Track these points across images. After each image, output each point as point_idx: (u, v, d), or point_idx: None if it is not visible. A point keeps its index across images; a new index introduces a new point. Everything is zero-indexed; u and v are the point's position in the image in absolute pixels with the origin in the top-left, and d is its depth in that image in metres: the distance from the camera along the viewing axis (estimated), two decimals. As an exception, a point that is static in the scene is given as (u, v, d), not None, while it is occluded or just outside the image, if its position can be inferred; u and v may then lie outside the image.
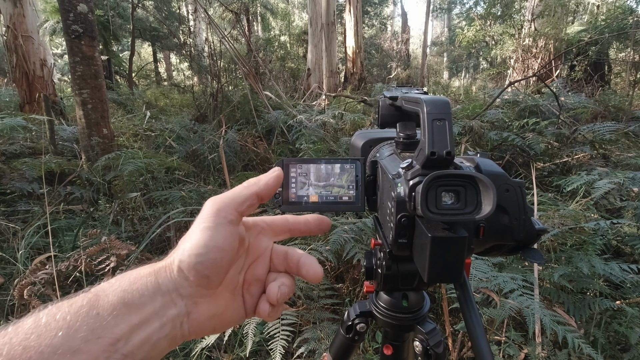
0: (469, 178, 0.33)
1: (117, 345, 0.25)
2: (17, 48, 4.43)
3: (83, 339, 0.24)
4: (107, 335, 0.25)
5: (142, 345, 0.26)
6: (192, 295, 0.30)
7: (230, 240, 0.31)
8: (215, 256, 0.30)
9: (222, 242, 0.30)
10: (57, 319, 0.24)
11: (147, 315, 0.27)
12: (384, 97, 0.52)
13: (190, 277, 0.29)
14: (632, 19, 5.66)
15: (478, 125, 3.10)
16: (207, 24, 6.43)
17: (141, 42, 12.32)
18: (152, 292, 0.28)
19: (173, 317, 0.29)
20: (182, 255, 0.30)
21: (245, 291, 0.35)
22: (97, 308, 0.25)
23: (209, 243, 0.30)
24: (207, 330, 0.32)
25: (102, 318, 0.25)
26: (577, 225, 1.59)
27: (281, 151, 3.48)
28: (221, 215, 0.31)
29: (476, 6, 14.39)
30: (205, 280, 0.30)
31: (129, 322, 0.26)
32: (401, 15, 20.48)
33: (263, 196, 0.35)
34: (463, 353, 1.36)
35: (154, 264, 0.31)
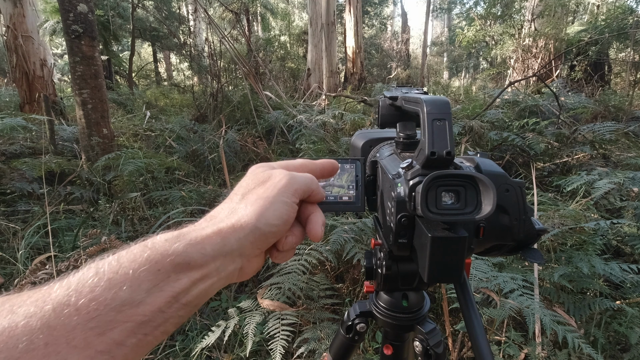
0: (469, 178, 0.33)
1: (179, 297, 0.27)
2: (17, 48, 4.43)
3: (147, 291, 0.25)
4: (169, 288, 0.26)
5: (199, 295, 0.29)
6: (249, 255, 0.32)
7: (294, 216, 0.34)
8: (283, 229, 0.33)
9: (291, 218, 0.34)
10: (119, 273, 0.25)
11: (208, 272, 0.29)
12: (384, 97, 0.52)
13: (257, 242, 0.31)
14: (632, 19, 5.66)
15: (478, 125, 3.10)
16: (207, 24, 6.43)
17: (141, 42, 12.32)
18: (216, 253, 0.29)
19: (230, 272, 0.31)
20: (258, 221, 0.31)
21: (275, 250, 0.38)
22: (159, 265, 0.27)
23: (284, 217, 0.32)
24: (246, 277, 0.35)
25: (165, 274, 0.27)
26: (577, 225, 1.59)
27: (281, 151, 3.48)
28: (299, 195, 0.34)
29: (476, 6, 14.39)
30: (265, 245, 0.33)
31: (190, 277, 0.28)
32: (401, 15, 20.49)
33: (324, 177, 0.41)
34: (463, 353, 1.36)
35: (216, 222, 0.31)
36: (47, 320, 0.22)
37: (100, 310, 0.24)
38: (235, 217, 0.32)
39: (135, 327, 0.25)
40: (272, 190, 0.33)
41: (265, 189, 0.34)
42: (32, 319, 0.22)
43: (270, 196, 0.33)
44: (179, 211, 2.00)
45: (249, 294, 1.76)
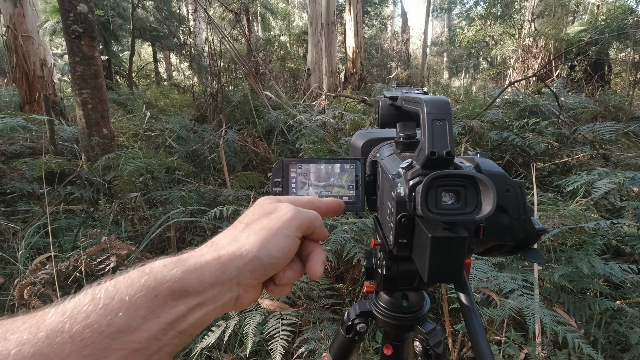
0: (469, 178, 0.33)
1: (174, 324, 0.27)
2: (17, 48, 4.43)
3: (143, 318, 0.25)
4: (165, 315, 0.26)
5: (194, 324, 0.28)
6: (247, 285, 0.32)
7: (295, 250, 0.35)
8: (283, 262, 0.33)
9: (292, 252, 0.34)
10: (116, 299, 0.25)
11: (205, 299, 0.29)
12: (384, 97, 0.52)
13: (255, 272, 0.31)
14: (632, 19, 5.66)
15: (478, 125, 3.10)
16: (207, 24, 6.43)
17: (141, 42, 12.32)
18: (214, 280, 0.29)
19: (226, 301, 0.31)
20: (259, 252, 0.31)
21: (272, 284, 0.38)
22: (156, 291, 0.27)
23: (285, 251, 0.33)
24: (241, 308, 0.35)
25: (160, 300, 0.26)
26: (577, 225, 1.59)
27: (281, 151, 3.48)
28: (302, 231, 0.35)
29: (476, 6, 14.38)
30: (264, 277, 0.33)
31: (187, 304, 0.28)
32: (401, 15, 20.49)
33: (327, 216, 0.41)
34: (463, 353, 1.36)
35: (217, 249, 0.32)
36: (39, 347, 0.22)
37: (94, 337, 0.23)
38: (236, 245, 0.32)
39: (129, 354, 0.24)
40: (276, 222, 0.34)
41: (270, 220, 0.34)
42: (24, 346, 0.22)
43: (274, 228, 0.33)
44: (179, 211, 2.00)
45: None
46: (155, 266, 0.28)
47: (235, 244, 0.32)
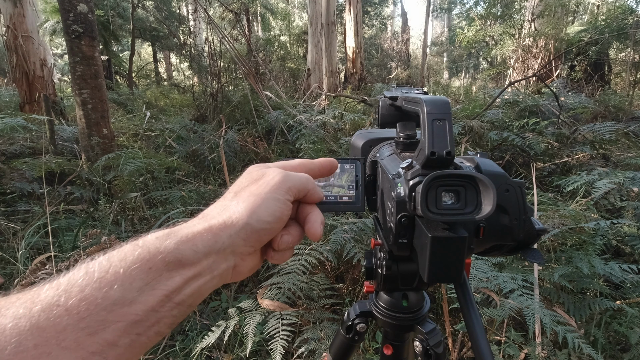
0: (469, 178, 0.33)
1: (172, 296, 0.27)
2: (17, 48, 4.43)
3: (139, 290, 0.25)
4: (161, 287, 0.26)
5: (193, 294, 0.28)
6: (242, 253, 0.32)
7: (288, 214, 0.34)
8: (276, 227, 0.33)
9: (285, 216, 0.33)
10: (110, 272, 0.25)
11: (200, 270, 0.29)
12: (384, 97, 0.52)
13: (249, 239, 0.31)
14: (632, 19, 5.66)
15: (478, 125, 3.10)
16: (207, 24, 6.43)
17: (141, 42, 12.32)
18: (207, 250, 0.29)
19: (223, 271, 0.30)
20: (250, 218, 0.31)
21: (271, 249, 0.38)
22: (150, 263, 0.26)
23: (276, 214, 0.32)
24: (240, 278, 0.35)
25: (155, 272, 0.26)
26: (577, 225, 1.59)
27: (281, 151, 3.48)
28: (293, 193, 0.34)
29: (476, 6, 14.39)
30: (258, 243, 0.32)
31: (183, 275, 0.27)
32: (401, 15, 20.49)
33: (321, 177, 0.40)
34: (463, 353, 1.36)
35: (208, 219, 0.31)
36: (36, 321, 0.22)
37: (91, 310, 0.23)
38: (226, 214, 0.31)
39: (127, 326, 0.24)
40: (264, 188, 0.33)
41: (258, 187, 0.33)
42: (20, 320, 0.22)
43: (262, 193, 0.32)
44: (179, 211, 2.00)
45: (249, 294, 1.76)
46: (147, 239, 0.28)
47: (226, 213, 0.31)
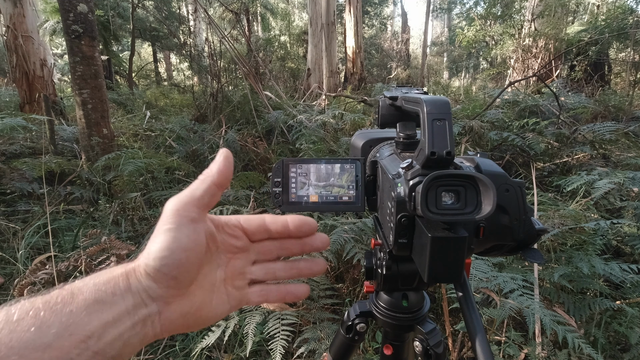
0: (469, 178, 0.33)
1: (89, 342, 0.25)
2: (17, 48, 4.42)
3: (55, 334, 0.24)
4: (79, 331, 0.25)
5: (113, 343, 0.27)
6: (162, 296, 0.30)
7: (194, 238, 0.30)
8: (180, 257, 0.29)
9: (185, 242, 0.30)
10: (30, 315, 0.24)
11: (119, 313, 0.27)
12: (384, 97, 0.52)
13: (157, 280, 0.29)
14: (632, 19, 5.66)
15: (478, 125, 3.09)
16: (207, 24, 6.43)
17: (141, 42, 12.32)
18: (123, 291, 0.28)
19: (144, 317, 0.29)
20: (147, 259, 0.29)
21: (229, 285, 0.35)
22: (71, 305, 0.26)
23: (171, 245, 0.29)
24: (180, 328, 0.32)
25: (75, 315, 0.25)
26: (577, 225, 1.59)
27: (281, 151, 3.48)
28: (182, 214, 0.30)
29: (476, 6, 14.38)
30: (173, 281, 0.29)
31: (101, 319, 0.26)
32: (401, 15, 20.48)
33: (221, 183, 0.33)
34: (463, 353, 1.36)
35: (126, 264, 0.30)
36: None
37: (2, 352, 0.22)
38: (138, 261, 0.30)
39: None
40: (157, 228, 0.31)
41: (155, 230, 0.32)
42: None
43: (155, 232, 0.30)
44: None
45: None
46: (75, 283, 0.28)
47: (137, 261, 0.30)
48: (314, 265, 0.37)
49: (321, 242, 0.36)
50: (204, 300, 0.33)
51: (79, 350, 0.25)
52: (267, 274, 0.36)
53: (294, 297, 0.36)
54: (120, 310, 0.27)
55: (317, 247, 0.36)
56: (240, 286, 0.35)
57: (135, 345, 0.29)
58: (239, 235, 0.35)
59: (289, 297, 0.36)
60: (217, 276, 0.34)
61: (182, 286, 0.30)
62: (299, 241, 0.36)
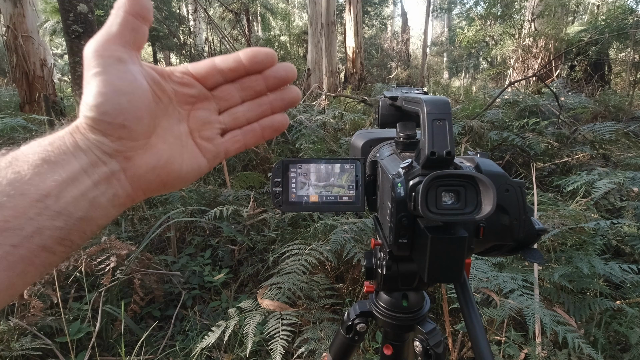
0: (469, 178, 0.33)
1: (47, 202, 0.24)
2: (17, 48, 4.43)
3: (5, 194, 0.23)
4: (31, 191, 0.23)
5: (76, 202, 0.25)
6: (119, 150, 0.26)
7: (130, 80, 0.26)
8: (118, 100, 0.25)
9: (119, 84, 0.25)
10: None
11: (73, 172, 0.25)
12: (384, 97, 0.52)
13: (105, 132, 0.26)
14: (632, 19, 5.66)
15: (478, 125, 3.10)
16: (207, 24, 6.43)
17: (141, 42, 12.32)
18: (73, 150, 0.25)
19: (106, 175, 0.26)
20: (84, 112, 0.26)
21: (197, 137, 0.32)
22: (16, 167, 0.24)
23: (103, 89, 0.25)
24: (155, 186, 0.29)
25: (24, 175, 0.23)
26: (577, 225, 1.59)
27: (281, 151, 3.48)
28: (103, 55, 0.26)
29: (476, 6, 14.39)
30: (123, 130, 0.26)
31: (54, 179, 0.24)
32: (401, 15, 20.49)
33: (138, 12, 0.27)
34: (463, 353, 1.36)
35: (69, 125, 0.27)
36: None
37: None
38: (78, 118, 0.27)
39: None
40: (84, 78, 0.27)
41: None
42: None
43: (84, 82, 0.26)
44: (179, 211, 2.00)
45: (249, 294, 1.76)
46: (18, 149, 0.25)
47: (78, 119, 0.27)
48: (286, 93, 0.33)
49: (285, 71, 0.31)
50: (172, 154, 0.30)
51: (37, 209, 0.23)
52: (236, 120, 0.33)
53: (273, 130, 0.33)
54: (75, 169, 0.25)
55: (281, 77, 0.32)
56: (210, 137, 0.32)
57: (106, 206, 0.26)
58: (190, 82, 0.31)
59: (267, 133, 0.33)
60: (180, 130, 0.31)
61: (137, 136, 0.27)
62: (259, 76, 0.32)
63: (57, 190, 0.24)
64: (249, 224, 2.11)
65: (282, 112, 0.34)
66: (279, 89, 0.33)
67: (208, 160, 0.32)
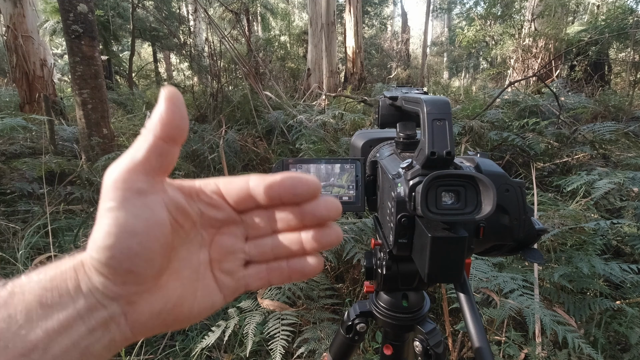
0: (469, 178, 0.33)
1: (32, 356, 0.21)
2: (17, 48, 4.43)
3: None
4: (17, 344, 0.21)
5: (65, 354, 0.22)
6: (122, 295, 0.23)
7: (147, 217, 0.23)
8: (129, 244, 0.22)
9: (133, 224, 0.22)
10: None
11: (68, 318, 0.22)
12: (384, 97, 0.52)
13: (109, 276, 0.22)
14: (632, 19, 5.66)
15: (478, 125, 3.10)
16: (207, 24, 6.43)
17: (141, 42, 12.32)
18: (72, 291, 0.22)
19: (104, 321, 0.23)
20: (91, 250, 0.23)
21: (217, 270, 0.27)
22: (9, 309, 0.21)
23: (114, 229, 0.22)
24: (158, 328, 0.25)
25: (14, 322, 0.21)
26: (577, 225, 1.59)
27: (281, 151, 3.48)
28: (123, 187, 0.23)
29: (476, 6, 14.39)
30: (130, 276, 0.23)
31: (45, 327, 0.21)
32: (401, 15, 20.48)
33: (170, 135, 0.24)
34: (463, 353, 1.36)
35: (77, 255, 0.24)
36: None
37: None
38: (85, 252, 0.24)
39: None
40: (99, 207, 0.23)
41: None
42: None
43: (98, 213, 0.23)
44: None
45: (249, 293, 1.76)
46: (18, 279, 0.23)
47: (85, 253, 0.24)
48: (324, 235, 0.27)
49: (326, 209, 0.26)
50: (184, 293, 0.25)
51: None
52: (262, 253, 0.28)
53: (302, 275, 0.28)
54: (70, 314, 0.22)
55: (320, 216, 0.26)
56: (231, 270, 0.28)
57: (101, 353, 0.23)
58: (219, 204, 0.27)
59: (295, 276, 0.28)
60: (199, 259, 0.27)
61: (145, 280, 0.23)
62: (296, 209, 0.27)
63: (46, 341, 0.21)
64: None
65: (316, 255, 0.29)
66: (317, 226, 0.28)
67: (224, 297, 0.28)
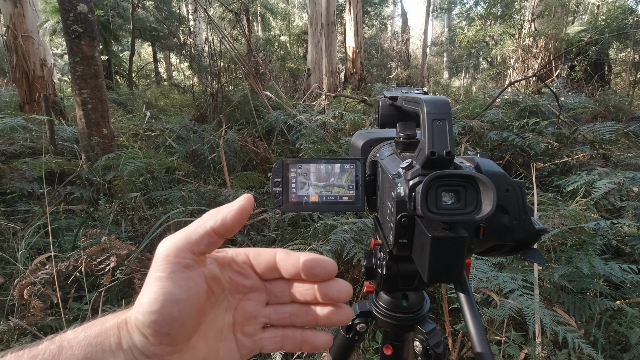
0: (469, 178, 0.33)
1: None
2: (17, 48, 4.42)
3: None
4: None
5: None
6: (157, 354, 0.26)
7: (189, 288, 0.27)
8: (171, 311, 0.26)
9: (178, 294, 0.26)
10: None
11: None
12: (384, 97, 0.52)
13: (149, 336, 0.26)
14: (632, 19, 5.66)
15: (478, 125, 3.10)
16: (207, 24, 6.43)
17: (141, 42, 12.32)
18: (114, 347, 0.26)
19: None
20: (137, 312, 0.26)
21: (238, 332, 0.31)
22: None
23: (161, 297, 0.26)
24: None
25: None
26: (577, 225, 1.59)
27: (281, 151, 3.48)
28: (173, 261, 0.27)
29: (476, 6, 14.39)
30: (166, 338, 0.26)
31: None
32: (401, 15, 20.48)
33: (224, 233, 0.29)
34: (463, 353, 1.36)
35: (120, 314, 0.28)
36: None
37: None
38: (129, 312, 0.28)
39: None
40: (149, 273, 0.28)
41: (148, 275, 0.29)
42: None
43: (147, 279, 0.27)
44: (179, 211, 2.00)
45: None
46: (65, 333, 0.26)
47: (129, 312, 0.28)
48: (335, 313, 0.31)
49: (337, 292, 0.30)
50: (209, 353, 0.29)
51: None
52: (280, 319, 0.32)
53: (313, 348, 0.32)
54: None
55: (332, 296, 0.30)
56: (251, 332, 0.31)
57: None
58: (248, 273, 0.31)
59: (306, 347, 0.32)
60: (224, 322, 0.31)
61: (178, 342, 0.27)
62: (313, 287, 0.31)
63: None
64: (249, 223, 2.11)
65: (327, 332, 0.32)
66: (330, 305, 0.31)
67: (241, 356, 0.31)
